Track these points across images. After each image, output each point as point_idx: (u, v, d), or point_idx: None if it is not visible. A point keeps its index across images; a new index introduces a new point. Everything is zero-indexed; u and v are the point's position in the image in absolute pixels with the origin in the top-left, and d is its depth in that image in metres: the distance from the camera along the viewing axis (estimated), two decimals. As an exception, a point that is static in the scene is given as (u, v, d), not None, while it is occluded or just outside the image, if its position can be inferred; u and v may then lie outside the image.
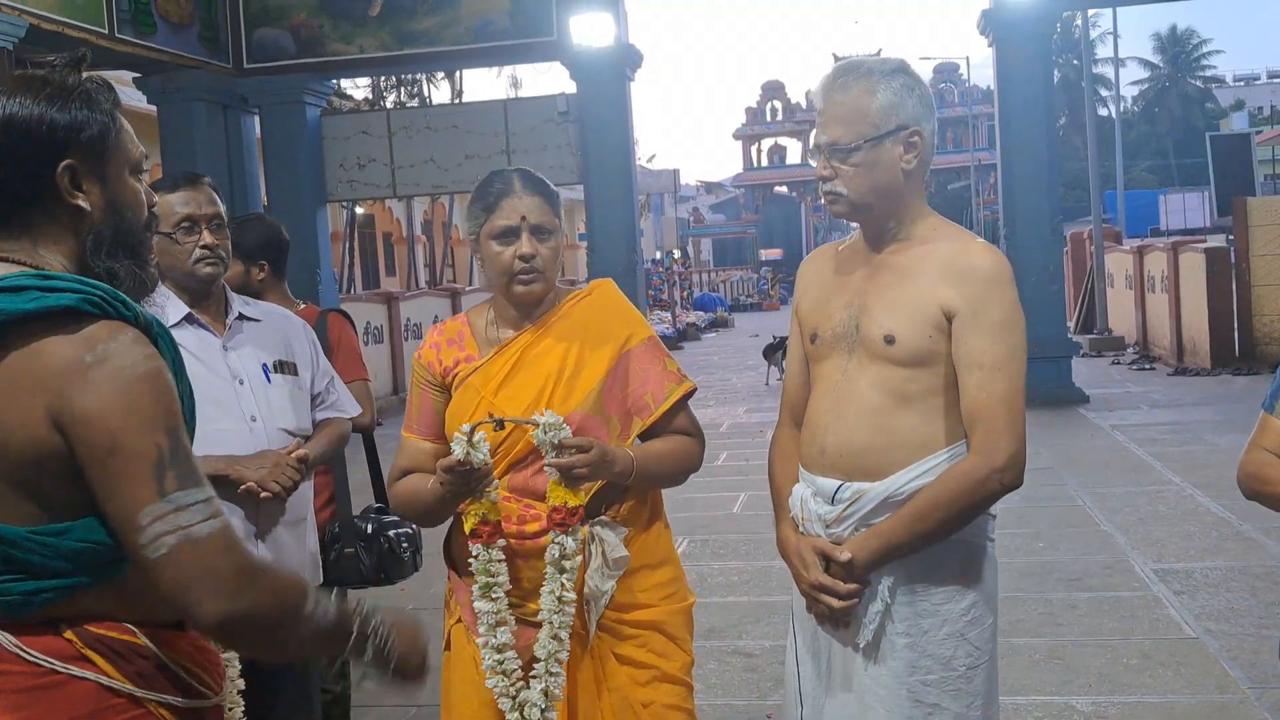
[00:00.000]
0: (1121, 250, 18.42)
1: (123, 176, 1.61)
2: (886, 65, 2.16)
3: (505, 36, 12.14)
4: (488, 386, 2.31)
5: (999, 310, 2.08)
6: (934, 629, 2.12)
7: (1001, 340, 2.06)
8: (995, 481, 2.04)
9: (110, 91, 1.61)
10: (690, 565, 6.15)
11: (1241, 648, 4.51)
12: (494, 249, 2.30)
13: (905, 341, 2.10)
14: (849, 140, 2.12)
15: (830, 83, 2.16)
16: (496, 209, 2.30)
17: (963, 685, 2.12)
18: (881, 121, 2.12)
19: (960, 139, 55.30)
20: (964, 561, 2.15)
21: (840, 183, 2.15)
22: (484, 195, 2.33)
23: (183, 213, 2.69)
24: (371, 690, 4.51)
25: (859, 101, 2.12)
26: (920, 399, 2.11)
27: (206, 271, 2.71)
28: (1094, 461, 8.47)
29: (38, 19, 9.08)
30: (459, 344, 2.40)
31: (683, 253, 37.24)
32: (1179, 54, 60.22)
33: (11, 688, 1.46)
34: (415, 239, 29.99)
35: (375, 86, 24.03)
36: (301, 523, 2.80)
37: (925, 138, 2.15)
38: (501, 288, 2.33)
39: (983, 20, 11.84)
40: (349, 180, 12.94)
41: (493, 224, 2.30)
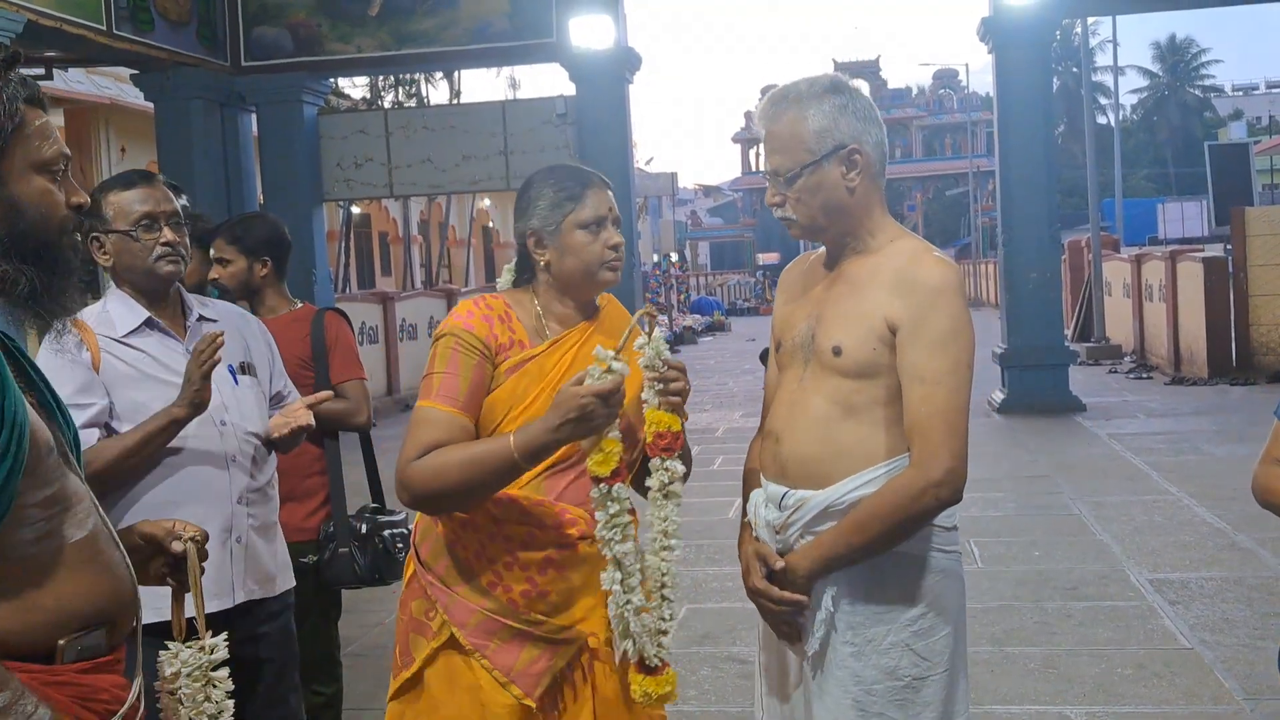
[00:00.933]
0: (1119, 259, 18.44)
1: (25, 175, 1.55)
2: (816, 87, 2.17)
3: (504, 38, 12.12)
4: (547, 378, 2.21)
5: (942, 322, 2.08)
6: (878, 639, 2.13)
7: (943, 354, 2.06)
8: (930, 496, 2.04)
9: (23, 88, 1.57)
10: (685, 571, 6.13)
11: (1237, 658, 4.49)
12: (583, 239, 2.24)
13: (851, 353, 2.12)
14: (789, 168, 2.16)
15: (764, 113, 2.20)
16: (584, 198, 2.25)
17: (909, 695, 2.13)
18: (817, 146, 2.14)
19: (959, 145, 55.35)
20: (907, 573, 2.15)
21: (789, 208, 2.19)
22: (566, 184, 2.27)
23: (141, 210, 2.62)
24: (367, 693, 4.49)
25: (793, 129, 2.15)
26: (865, 410, 2.13)
27: (167, 270, 2.64)
28: (1090, 470, 8.45)
29: (35, 15, 9.04)
30: (508, 325, 2.24)
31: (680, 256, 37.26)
32: (1178, 63, 60.34)
33: None
34: (411, 239, 29.95)
35: (373, 86, 24.01)
36: (274, 527, 2.80)
37: (868, 151, 2.17)
38: (586, 276, 2.25)
39: (982, 27, 11.84)
40: (346, 179, 12.92)
41: (581, 214, 2.24)
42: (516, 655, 2.17)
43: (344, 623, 5.11)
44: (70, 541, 1.53)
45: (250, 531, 2.69)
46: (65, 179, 1.61)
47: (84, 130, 17.36)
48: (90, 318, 2.63)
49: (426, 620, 2.23)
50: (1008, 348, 11.79)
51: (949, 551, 2.19)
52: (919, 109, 59.20)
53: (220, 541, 2.60)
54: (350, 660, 4.85)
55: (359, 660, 4.89)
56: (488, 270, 36.37)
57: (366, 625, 5.27)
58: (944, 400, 2.04)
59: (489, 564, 2.17)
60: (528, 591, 2.18)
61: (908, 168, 57.98)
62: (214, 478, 2.63)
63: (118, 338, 2.61)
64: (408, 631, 2.27)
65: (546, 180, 2.29)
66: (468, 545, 2.20)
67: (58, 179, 1.59)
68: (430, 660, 2.22)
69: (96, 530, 1.58)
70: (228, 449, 2.64)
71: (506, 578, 2.18)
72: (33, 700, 1.41)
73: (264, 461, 2.76)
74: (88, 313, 2.65)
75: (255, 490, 2.70)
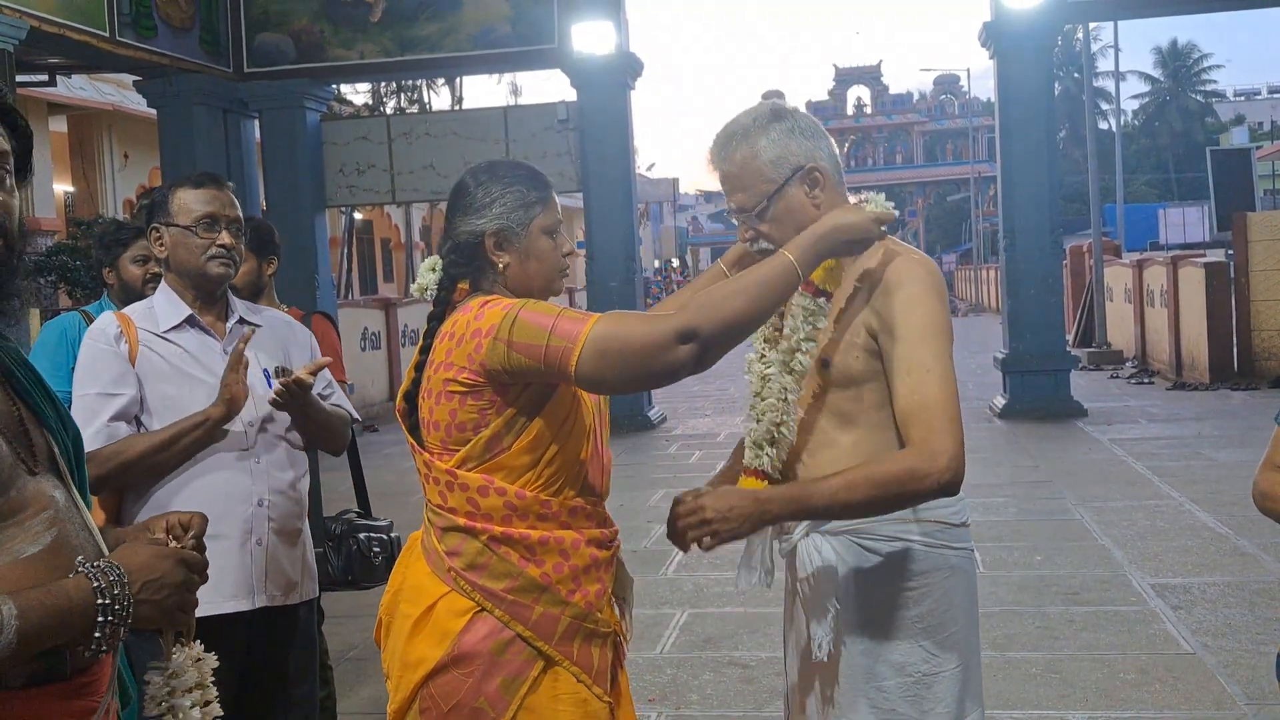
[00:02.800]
0: (1121, 264, 18.43)
1: None
2: (760, 119, 2.18)
3: (506, 44, 12.15)
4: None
5: (920, 318, 2.08)
6: (888, 635, 2.14)
7: (925, 345, 2.06)
8: (933, 481, 2.00)
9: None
10: (686, 576, 6.14)
11: (1239, 664, 4.48)
12: (547, 244, 2.17)
13: (839, 366, 2.15)
14: (754, 203, 2.17)
15: (716, 157, 2.20)
16: (549, 203, 2.18)
17: (921, 691, 2.13)
18: (776, 174, 2.15)
19: (960, 151, 55.39)
20: (917, 569, 2.16)
21: (765, 241, 2.19)
22: (531, 186, 2.17)
23: (204, 210, 2.68)
24: (369, 699, 4.49)
25: (748, 164, 2.15)
26: (860, 415, 2.15)
27: (218, 271, 2.69)
28: (1092, 475, 8.45)
29: (39, 21, 9.07)
30: None
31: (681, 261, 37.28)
32: (1180, 68, 60.37)
33: None
34: (414, 245, 30.00)
35: (375, 92, 24.07)
36: (298, 534, 2.80)
37: (824, 166, 2.17)
38: (546, 284, 2.19)
39: (984, 32, 11.85)
40: (348, 186, 12.94)
41: (546, 219, 2.17)
42: (592, 655, 2.14)
43: (344, 628, 5.12)
44: (22, 557, 1.43)
45: (271, 534, 2.69)
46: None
47: (87, 136, 17.41)
48: (135, 312, 2.71)
49: (511, 657, 2.08)
50: (1009, 353, 11.79)
51: (959, 549, 2.20)
52: (920, 114, 59.26)
53: (240, 543, 2.63)
54: (351, 665, 4.85)
55: (359, 665, 4.89)
56: (489, 276, 36.37)
57: (367, 630, 5.26)
58: (936, 388, 2.04)
59: (571, 572, 2.11)
60: (600, 591, 2.16)
61: (909, 173, 58.01)
62: (237, 478, 2.65)
63: (158, 332, 2.68)
64: (491, 681, 2.07)
65: (508, 178, 2.17)
66: (543, 561, 2.10)
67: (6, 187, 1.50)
68: (530, 690, 2.09)
69: (58, 542, 1.48)
70: (253, 450, 2.68)
71: (585, 582, 2.13)
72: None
73: (292, 464, 2.77)
74: (135, 307, 2.75)
75: (278, 492, 2.71)
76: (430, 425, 2.11)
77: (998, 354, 12.19)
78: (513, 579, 2.07)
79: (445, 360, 2.07)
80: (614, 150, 12.16)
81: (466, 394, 2.04)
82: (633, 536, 6.78)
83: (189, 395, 2.61)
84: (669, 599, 5.72)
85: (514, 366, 2.00)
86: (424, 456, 2.13)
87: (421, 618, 2.10)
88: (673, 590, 5.88)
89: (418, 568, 2.16)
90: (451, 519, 2.10)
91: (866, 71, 59.78)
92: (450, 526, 2.11)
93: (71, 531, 1.50)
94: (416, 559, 2.18)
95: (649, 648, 4.98)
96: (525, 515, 2.07)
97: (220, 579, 2.56)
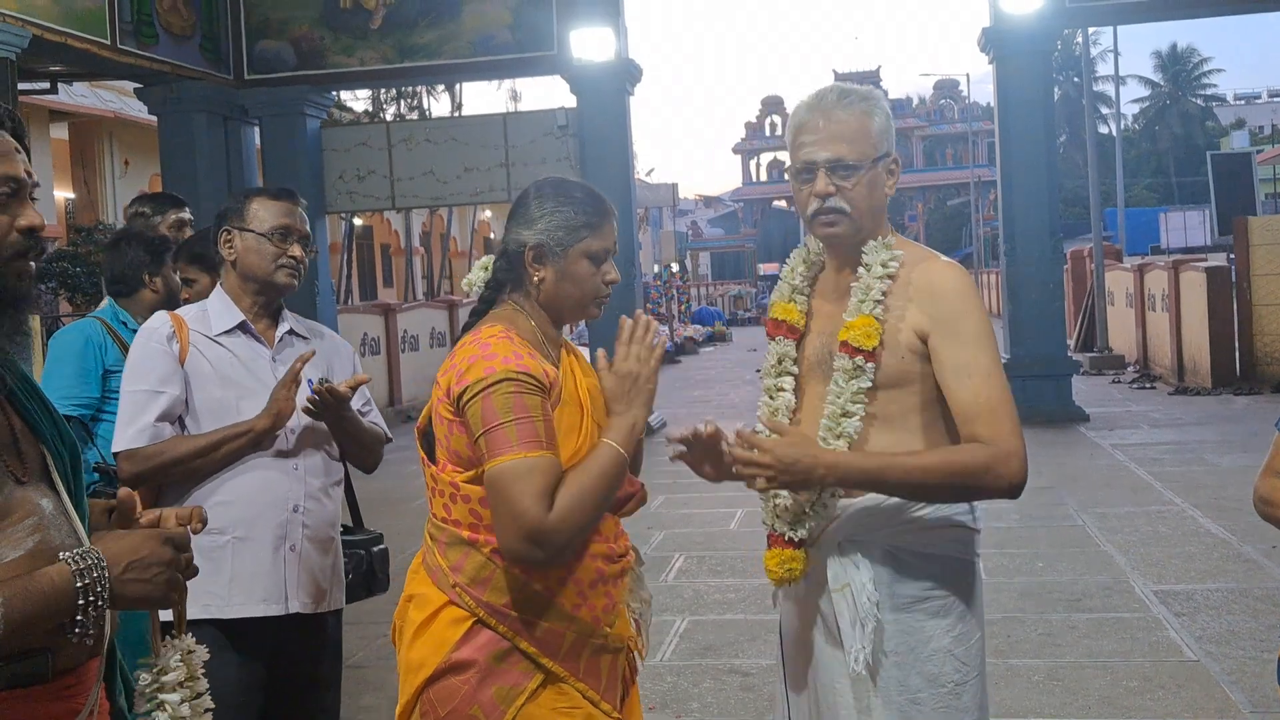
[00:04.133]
0: (1122, 268, 18.42)
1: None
2: (875, 93, 2.24)
3: (506, 50, 12.15)
4: (580, 402, 2.16)
5: (973, 323, 2.12)
6: (921, 646, 2.13)
7: (984, 349, 2.10)
8: (1006, 480, 2.04)
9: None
10: (686, 582, 6.12)
11: (1243, 671, 4.47)
12: (587, 269, 2.15)
13: (886, 366, 2.14)
14: (855, 159, 2.15)
15: (833, 101, 2.19)
16: (599, 229, 2.16)
17: (952, 701, 2.13)
18: (880, 144, 2.19)
19: (960, 155, 55.42)
20: (951, 577, 2.16)
21: (842, 199, 2.16)
22: (585, 209, 2.16)
23: (281, 221, 2.77)
24: (376, 706, 4.48)
25: (862, 122, 2.17)
26: (900, 418, 2.15)
27: (285, 281, 2.77)
28: (1094, 481, 8.43)
29: (41, 29, 9.08)
30: (538, 358, 2.12)
31: (681, 266, 37.27)
32: (1180, 72, 60.37)
33: None
34: (413, 251, 30.01)
35: (375, 99, 24.09)
36: (330, 542, 2.81)
37: (899, 166, 2.27)
38: (577, 307, 2.19)
39: (983, 37, 11.85)
40: (348, 192, 12.94)
41: (591, 244, 2.14)
42: (598, 669, 2.13)
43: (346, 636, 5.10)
44: (4, 561, 1.46)
45: (305, 541, 2.72)
46: (19, 201, 1.55)
47: (88, 143, 17.41)
48: (189, 314, 2.78)
49: (508, 667, 2.06)
50: (1010, 358, 11.77)
51: (977, 555, 2.23)
52: (920, 119, 59.31)
53: (273, 548, 2.66)
54: (353, 672, 4.84)
55: (362, 672, 4.88)
56: (490, 282, 36.33)
57: (368, 637, 5.25)
58: (1000, 392, 2.08)
59: (575, 586, 2.08)
60: (606, 606, 2.13)
61: (909, 178, 58.02)
62: (274, 483, 2.69)
63: (211, 335, 2.73)
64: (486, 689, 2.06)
65: (564, 197, 2.17)
66: (547, 575, 2.06)
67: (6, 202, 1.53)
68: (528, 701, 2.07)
69: (41, 547, 1.50)
70: (291, 457, 2.72)
71: (590, 596, 2.10)
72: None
73: (328, 472, 2.81)
74: (188, 309, 2.83)
75: (313, 498, 2.74)
76: (437, 438, 2.13)
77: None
78: (516, 592, 2.05)
79: (442, 380, 2.10)
80: (613, 156, 12.16)
81: (454, 422, 2.06)
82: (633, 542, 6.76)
83: (234, 400, 2.67)
84: (669, 606, 5.71)
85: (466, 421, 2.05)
86: (431, 469, 2.14)
87: (424, 623, 2.10)
88: (673, 597, 5.86)
89: (425, 576, 2.16)
90: (455, 532, 2.09)
91: (866, 76, 59.79)
92: (454, 540, 2.09)
93: (56, 538, 1.54)
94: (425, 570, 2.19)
95: (649, 654, 4.95)
96: None
97: (252, 583, 2.63)
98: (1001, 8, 11.49)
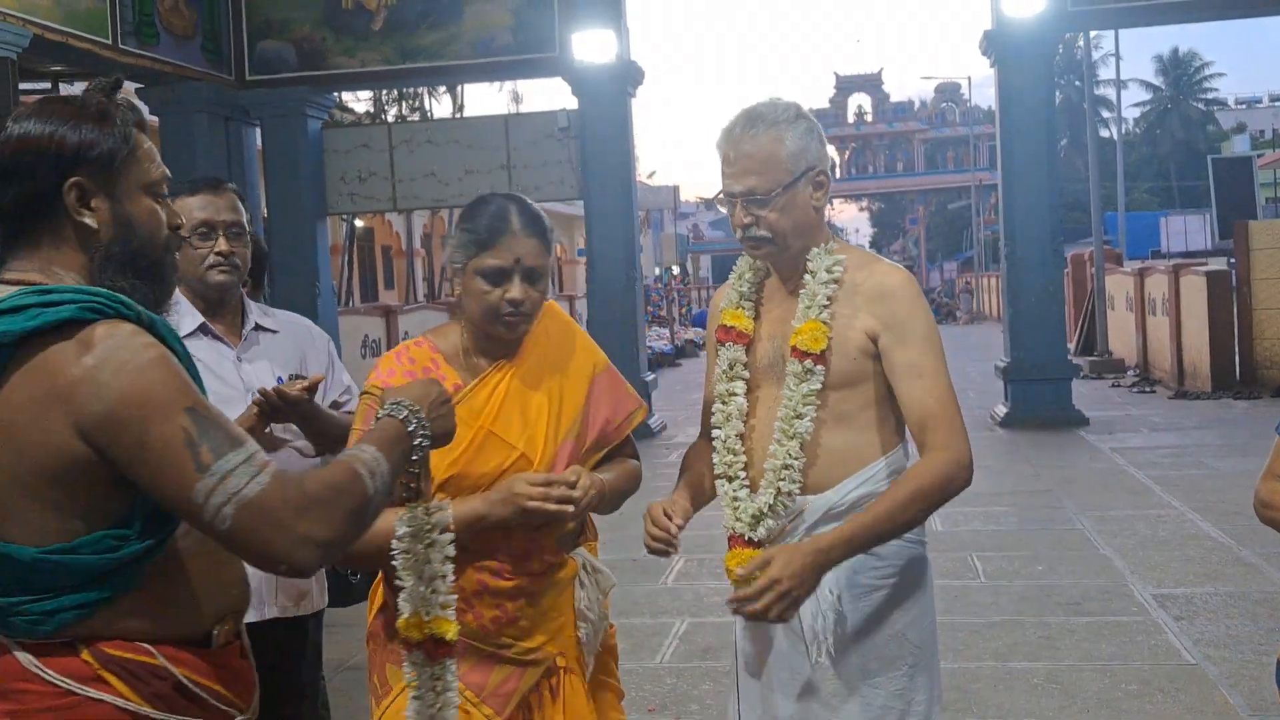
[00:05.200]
0: (1122, 272, 18.42)
1: (135, 195, 1.62)
2: (788, 112, 2.24)
3: (507, 52, 12.15)
4: (480, 417, 2.18)
5: (922, 325, 2.20)
6: (879, 632, 2.22)
7: (931, 351, 2.19)
8: (961, 483, 2.14)
9: (132, 112, 1.64)
10: (686, 584, 6.12)
11: (1241, 674, 4.47)
12: (481, 286, 2.16)
13: (836, 367, 2.21)
14: (766, 188, 2.21)
15: (738, 135, 2.23)
16: (491, 246, 2.15)
17: (908, 684, 2.23)
18: (794, 167, 2.21)
19: (961, 159, 55.38)
20: (904, 564, 2.25)
21: (761, 227, 2.23)
22: (476, 226, 2.17)
23: (199, 217, 2.63)
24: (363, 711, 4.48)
25: (771, 149, 2.21)
26: (853, 415, 2.23)
27: (219, 279, 2.65)
28: (1093, 485, 8.43)
29: (41, 29, 9.08)
30: (434, 373, 2.21)
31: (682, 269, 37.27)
32: (1181, 76, 60.36)
33: (30, 707, 1.48)
34: (414, 252, 30.01)
35: (376, 100, 24.09)
36: None
37: (828, 175, 2.29)
38: (483, 325, 2.21)
39: (985, 41, 11.85)
40: (349, 193, 12.94)
41: (483, 261, 2.15)
42: (488, 676, 2.18)
43: (342, 638, 5.11)
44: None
45: None
46: (164, 200, 1.68)
47: (88, 144, 17.43)
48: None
49: (396, 647, 2.14)
50: (1010, 361, 11.78)
51: (923, 540, 2.31)
52: (921, 122, 59.28)
53: None
54: (349, 675, 4.84)
55: (358, 674, 4.86)
56: (491, 283, 36.33)
57: (361, 640, 5.25)
58: (945, 391, 2.17)
59: (461, 591, 2.11)
60: (498, 618, 2.19)
61: (910, 181, 58.05)
62: None
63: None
64: (384, 661, 2.24)
65: (469, 215, 2.21)
66: None
67: (160, 200, 1.67)
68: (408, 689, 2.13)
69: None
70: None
71: (477, 605, 2.17)
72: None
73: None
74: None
75: None
76: None
77: (999, 362, 12.17)
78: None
79: None
80: (615, 158, 12.16)
81: None
82: (632, 545, 6.75)
83: None
84: (669, 608, 5.71)
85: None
86: None
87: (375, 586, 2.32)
88: (673, 599, 5.86)
89: None
90: None
91: (867, 79, 59.84)
92: None
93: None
94: None
95: (649, 657, 4.96)
96: None
97: None
98: (1003, 11, 11.49)
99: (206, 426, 1.46)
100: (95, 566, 1.48)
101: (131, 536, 1.50)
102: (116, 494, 1.49)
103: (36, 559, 1.46)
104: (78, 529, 1.47)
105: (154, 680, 1.52)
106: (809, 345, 2.19)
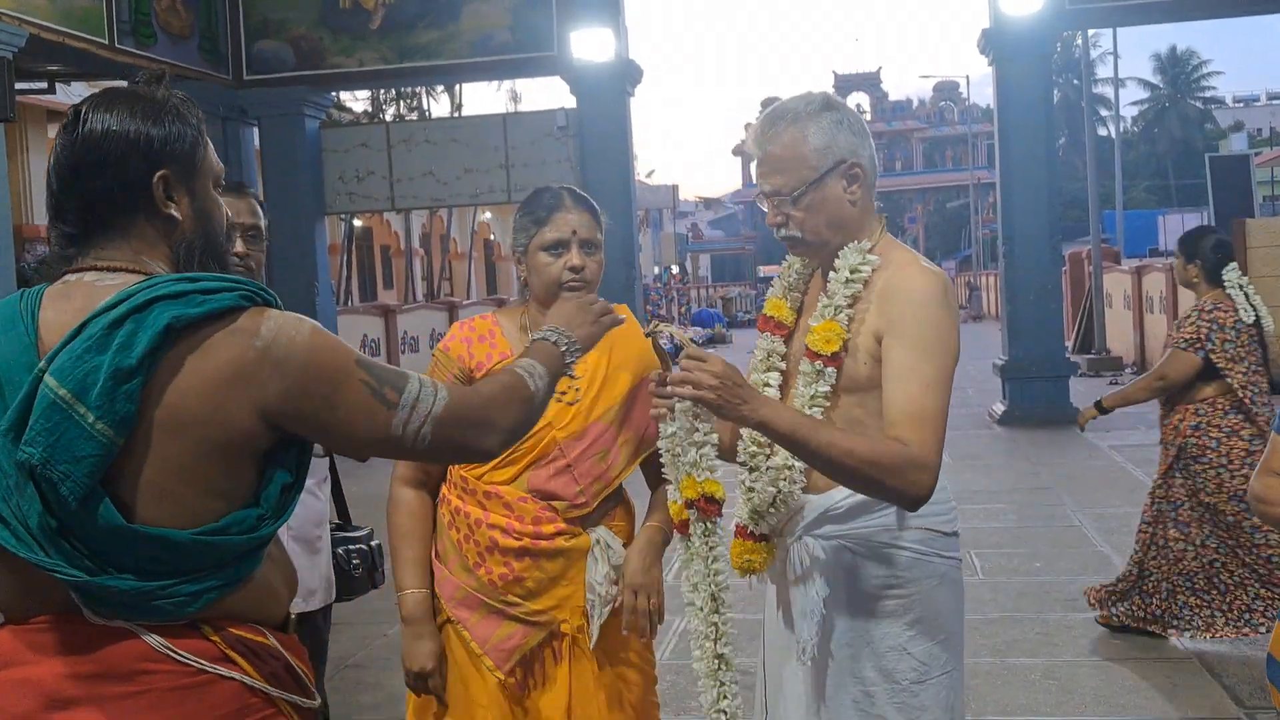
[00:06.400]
0: (1120, 270, 18.44)
1: (208, 188, 1.70)
2: (812, 104, 2.17)
3: (506, 51, 12.16)
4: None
5: (930, 330, 2.05)
6: (876, 641, 2.15)
7: (931, 360, 2.04)
8: (914, 489, 1.99)
9: (196, 107, 1.70)
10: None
11: (1238, 669, 4.48)
12: (544, 260, 2.41)
13: (848, 370, 2.13)
14: (792, 187, 2.14)
15: (761, 134, 2.18)
16: (548, 222, 2.41)
17: (907, 699, 2.14)
18: (819, 162, 2.13)
19: (959, 157, 55.43)
20: (912, 576, 2.15)
21: (793, 227, 2.17)
22: (534, 209, 2.43)
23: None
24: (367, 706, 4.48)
25: (794, 147, 2.14)
26: (863, 423, 2.11)
27: None
28: (1091, 482, 8.45)
29: (38, 28, 9.08)
30: (490, 341, 2.46)
31: (681, 268, 37.29)
32: (1179, 75, 60.42)
33: (159, 687, 1.51)
34: (413, 252, 30.03)
35: (374, 99, 24.11)
36: (317, 540, 2.79)
37: (865, 165, 2.17)
38: (548, 300, 2.39)
39: (983, 39, 11.87)
40: (348, 193, 12.95)
41: (543, 236, 2.41)
42: (493, 630, 2.37)
43: (343, 635, 5.12)
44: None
45: (289, 540, 2.64)
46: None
47: (86, 144, 17.42)
48: None
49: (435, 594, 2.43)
50: (1008, 359, 11.80)
51: (948, 558, 2.19)
52: (919, 121, 59.35)
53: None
54: (351, 672, 4.85)
55: (359, 671, 4.88)
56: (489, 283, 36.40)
57: (367, 638, 5.26)
58: (934, 403, 2.01)
59: (475, 546, 2.37)
60: (505, 575, 2.37)
61: (908, 180, 58.08)
62: None
63: None
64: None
65: (527, 203, 2.47)
66: (459, 528, 2.40)
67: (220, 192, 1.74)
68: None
69: None
70: None
71: (488, 560, 2.38)
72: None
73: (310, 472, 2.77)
74: None
75: None
76: None
77: (997, 360, 12.19)
78: (440, 538, 2.44)
79: None
80: (613, 157, 12.17)
81: None
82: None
83: None
84: (668, 605, 5.70)
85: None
86: None
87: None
88: (672, 596, 5.84)
89: None
90: None
91: (866, 78, 59.88)
92: None
93: None
94: None
95: (648, 654, 4.97)
96: (453, 485, 2.43)
97: None
98: (1001, 9, 11.51)
99: (376, 369, 1.60)
100: (239, 546, 1.54)
101: (267, 515, 1.57)
102: (254, 473, 1.57)
103: (192, 540, 1.50)
104: (220, 509, 1.53)
105: (270, 660, 1.60)
106: (821, 346, 2.11)
